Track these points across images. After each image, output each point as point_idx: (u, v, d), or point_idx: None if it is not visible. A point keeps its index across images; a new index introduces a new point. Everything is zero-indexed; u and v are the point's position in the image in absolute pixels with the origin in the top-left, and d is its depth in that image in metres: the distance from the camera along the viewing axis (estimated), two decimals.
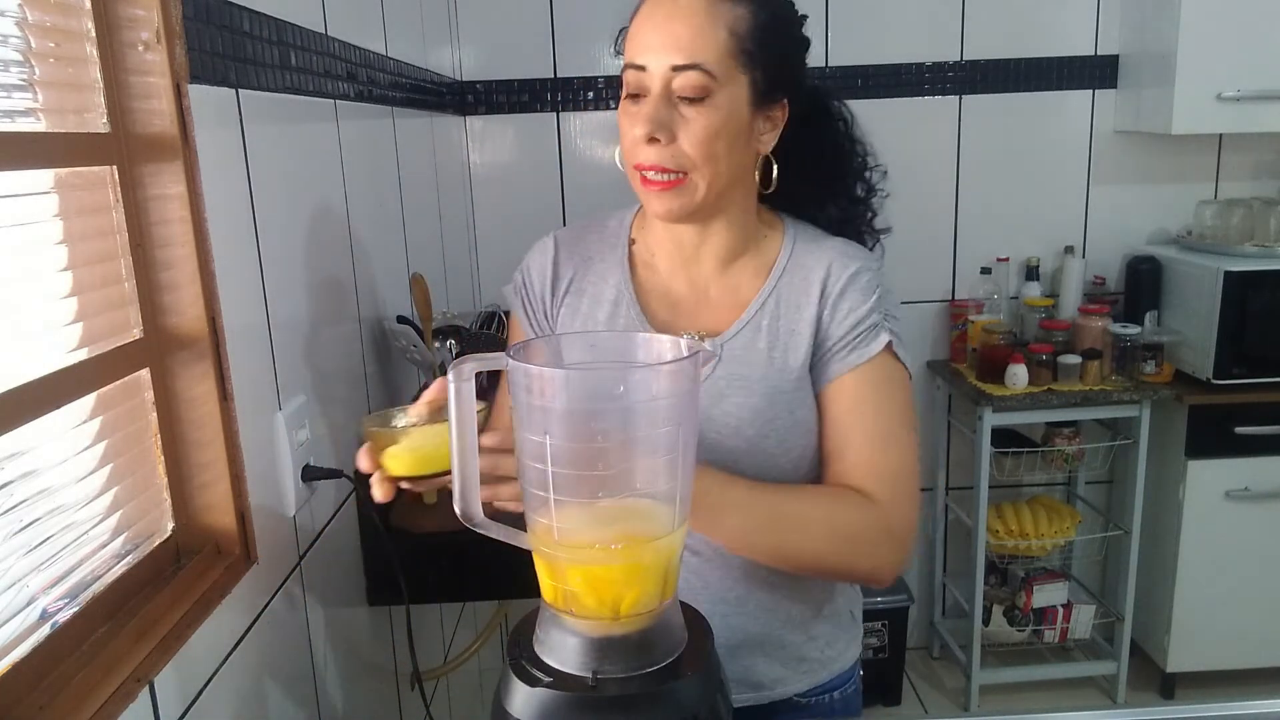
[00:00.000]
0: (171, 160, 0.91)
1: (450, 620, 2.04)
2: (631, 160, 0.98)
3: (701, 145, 0.95)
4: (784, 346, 1.03)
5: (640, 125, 0.95)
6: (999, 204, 2.81)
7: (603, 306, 1.07)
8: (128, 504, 0.89)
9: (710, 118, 0.95)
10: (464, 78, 2.65)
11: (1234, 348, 2.50)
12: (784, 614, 1.07)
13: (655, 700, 0.71)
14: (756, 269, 1.07)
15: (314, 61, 1.32)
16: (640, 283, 1.08)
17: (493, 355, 0.73)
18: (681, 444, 0.72)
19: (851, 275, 1.03)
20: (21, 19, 0.78)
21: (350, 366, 1.43)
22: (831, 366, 1.02)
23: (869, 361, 1.01)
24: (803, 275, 1.05)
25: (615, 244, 1.10)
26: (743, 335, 1.04)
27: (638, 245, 1.10)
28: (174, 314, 0.94)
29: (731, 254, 1.06)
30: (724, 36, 0.95)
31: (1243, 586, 2.63)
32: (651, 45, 0.95)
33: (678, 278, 1.08)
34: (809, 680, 1.11)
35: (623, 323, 1.05)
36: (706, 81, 0.94)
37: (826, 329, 1.02)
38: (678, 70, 0.94)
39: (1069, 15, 2.72)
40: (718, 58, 0.94)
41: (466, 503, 0.75)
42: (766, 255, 1.07)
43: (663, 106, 0.95)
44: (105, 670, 0.79)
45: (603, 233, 1.12)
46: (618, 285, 1.08)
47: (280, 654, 1.12)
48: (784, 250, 1.07)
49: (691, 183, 0.97)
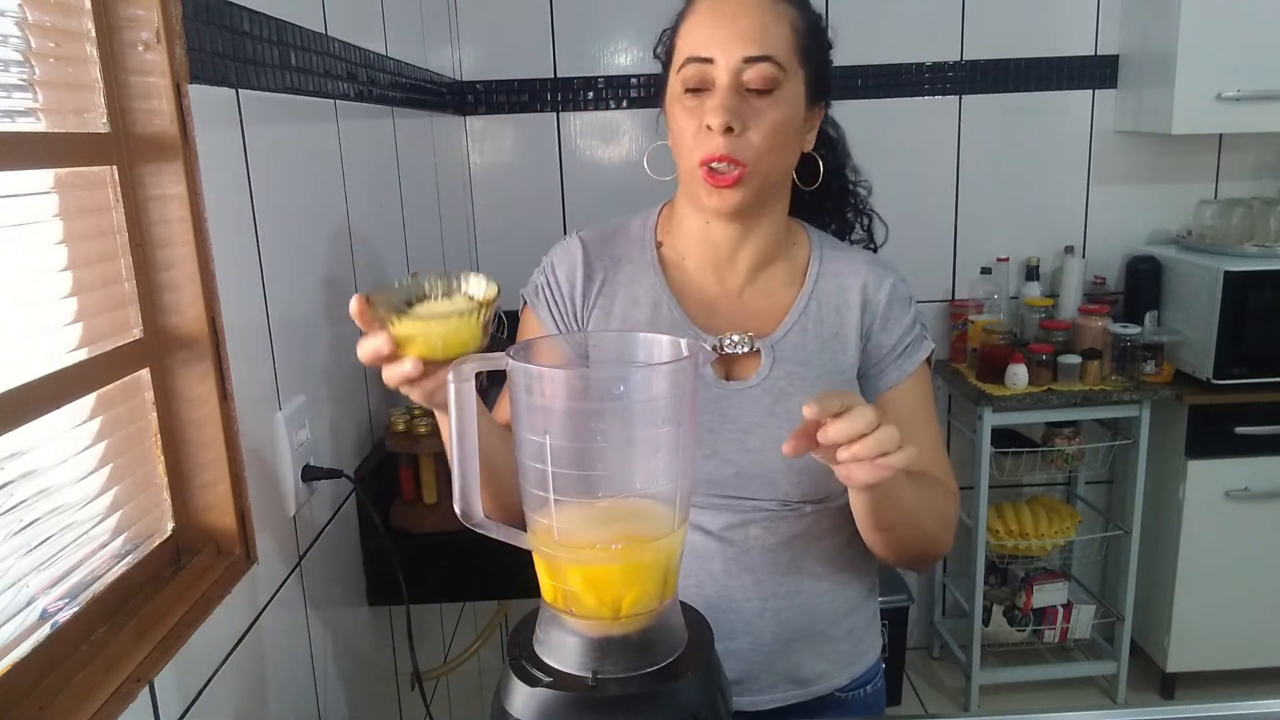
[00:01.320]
0: (171, 160, 0.91)
1: (450, 620, 2.04)
2: (697, 153, 0.97)
3: (770, 137, 0.96)
4: (831, 349, 1.06)
5: (716, 116, 0.94)
6: (999, 204, 2.81)
7: (640, 308, 1.07)
8: (128, 504, 0.89)
9: (779, 110, 0.97)
10: (464, 78, 2.65)
11: (1234, 348, 2.49)
12: (829, 606, 1.08)
13: (655, 700, 0.71)
14: (789, 274, 1.08)
15: (314, 61, 1.32)
16: (674, 284, 1.08)
17: (493, 355, 0.73)
18: (681, 444, 0.72)
19: (892, 287, 1.08)
20: (21, 19, 0.78)
21: (350, 366, 1.43)
22: (887, 375, 1.07)
23: (917, 369, 1.08)
24: (838, 282, 1.08)
25: (643, 246, 1.10)
26: (791, 337, 1.05)
27: (666, 247, 1.10)
28: (174, 314, 0.94)
29: (766, 259, 1.07)
30: (788, 32, 0.97)
31: (1243, 586, 2.63)
32: (719, 38, 0.96)
33: (709, 280, 1.08)
34: (847, 674, 1.12)
35: (665, 324, 1.05)
36: (777, 73, 0.96)
37: (877, 339, 1.07)
38: (750, 62, 0.95)
39: (1069, 15, 2.72)
40: (786, 51, 0.97)
41: (466, 503, 0.75)
42: (796, 261, 1.09)
43: (736, 97, 0.95)
44: (105, 670, 0.79)
45: (628, 235, 1.12)
46: (653, 287, 1.07)
47: (280, 654, 1.12)
48: (814, 256, 1.09)
49: (751, 175, 0.97)
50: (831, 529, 1.06)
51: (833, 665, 1.10)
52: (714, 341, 1.03)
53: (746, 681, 1.06)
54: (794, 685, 1.08)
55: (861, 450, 0.77)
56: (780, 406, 1.02)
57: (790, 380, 1.03)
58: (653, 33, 1.07)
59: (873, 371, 1.08)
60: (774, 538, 1.03)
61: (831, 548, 1.07)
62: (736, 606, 1.03)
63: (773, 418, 1.02)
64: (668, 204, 1.13)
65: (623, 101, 2.69)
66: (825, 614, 1.08)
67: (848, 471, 0.79)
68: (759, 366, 1.04)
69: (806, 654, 1.08)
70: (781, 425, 1.01)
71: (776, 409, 1.02)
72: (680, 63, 0.99)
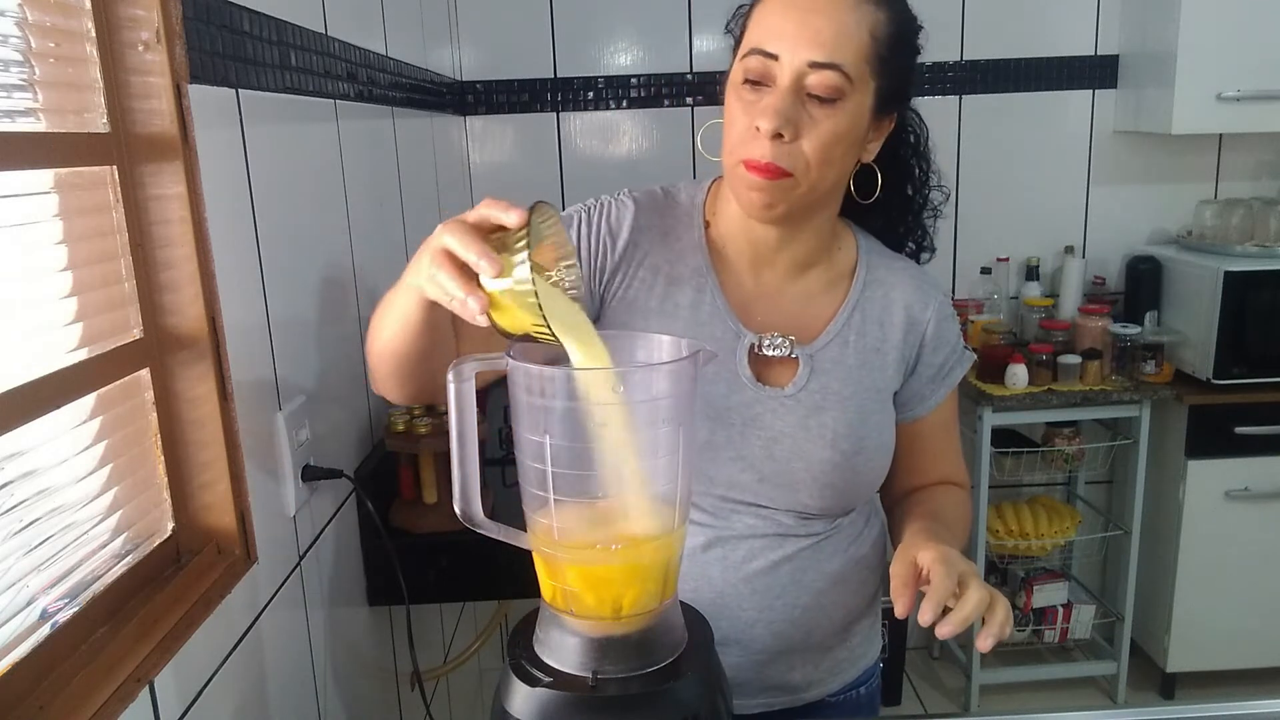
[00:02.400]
0: (171, 160, 0.91)
1: (450, 620, 2.04)
2: (741, 153, 0.91)
3: (821, 149, 0.90)
4: (871, 366, 1.03)
5: (766, 119, 0.88)
6: (999, 204, 2.81)
7: (683, 290, 1.01)
8: (128, 504, 0.89)
9: (838, 122, 0.90)
10: (464, 78, 2.65)
11: (1234, 348, 2.49)
12: (826, 621, 1.06)
13: (655, 700, 0.71)
14: (831, 280, 1.04)
15: (314, 61, 1.32)
16: (717, 269, 1.02)
17: (493, 355, 0.73)
18: (681, 444, 0.72)
19: (939, 305, 1.06)
20: (21, 19, 0.77)
21: (350, 366, 1.43)
22: (936, 394, 1.08)
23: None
24: (882, 293, 1.05)
25: (691, 222, 1.04)
26: (831, 348, 1.02)
27: (712, 229, 1.04)
28: (174, 314, 0.94)
29: (807, 262, 1.03)
30: (865, 39, 0.90)
31: (1243, 586, 2.63)
32: (788, 34, 0.88)
33: (746, 275, 1.03)
34: (840, 680, 1.10)
35: (706, 311, 1.00)
36: (842, 83, 0.89)
37: (928, 363, 1.06)
38: (815, 67, 0.88)
39: (1069, 15, 2.72)
40: (856, 60, 0.89)
41: (466, 503, 0.75)
42: (840, 267, 1.05)
43: (793, 102, 0.89)
44: (105, 670, 0.79)
45: (675, 208, 1.05)
46: (697, 269, 1.01)
47: (280, 654, 1.12)
48: (860, 265, 1.05)
49: (794, 183, 0.91)
50: (838, 551, 1.05)
51: (825, 674, 1.09)
52: (754, 339, 1.00)
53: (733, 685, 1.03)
54: (782, 693, 1.07)
55: (964, 625, 0.82)
56: (814, 420, 0.99)
57: (825, 395, 1.00)
58: (653, 33, 1.06)
59: (917, 393, 1.07)
60: (777, 553, 1.01)
61: (836, 568, 1.05)
62: (730, 615, 1.01)
63: (804, 430, 0.99)
64: (718, 180, 1.05)
65: (623, 101, 2.68)
66: (822, 628, 1.06)
67: None
68: (795, 374, 1.00)
69: (798, 663, 1.06)
70: (812, 439, 0.99)
71: (809, 422, 0.99)
72: (746, 50, 0.92)
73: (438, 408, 1.46)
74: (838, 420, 0.99)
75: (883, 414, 1.04)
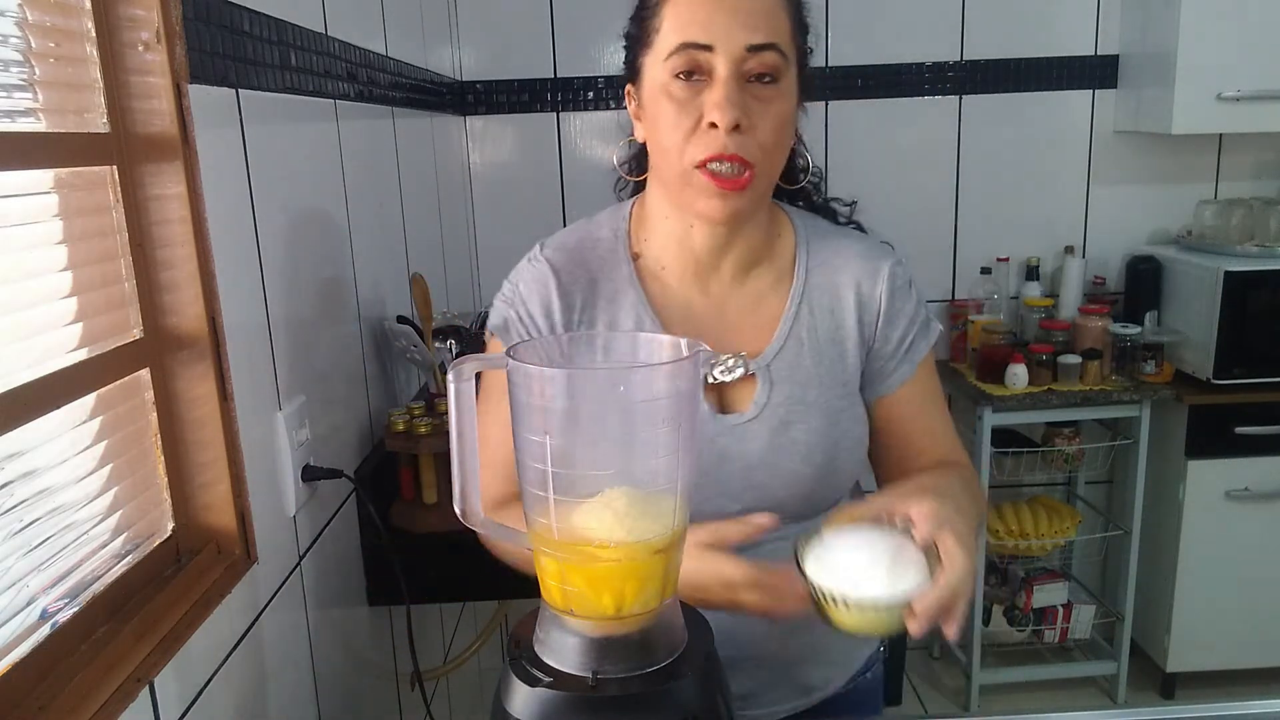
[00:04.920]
0: (171, 160, 0.91)
1: (450, 620, 2.04)
2: (699, 154, 0.87)
3: (774, 133, 0.87)
4: (829, 359, 0.98)
5: (723, 112, 0.84)
6: (999, 204, 2.81)
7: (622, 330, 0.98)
8: (128, 504, 0.89)
9: (782, 103, 0.88)
10: (464, 78, 2.65)
11: (1234, 348, 2.49)
12: None
13: (655, 700, 0.71)
14: (776, 276, 1.00)
15: (314, 61, 1.32)
16: (654, 300, 0.98)
17: (493, 355, 0.73)
18: (681, 444, 0.72)
19: (890, 276, 0.99)
20: (21, 19, 0.77)
21: (350, 366, 1.43)
22: (900, 370, 1.01)
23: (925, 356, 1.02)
24: (828, 277, 0.99)
25: (617, 259, 0.99)
26: (786, 353, 0.98)
27: (643, 257, 1.00)
28: (174, 314, 0.94)
29: (752, 261, 0.99)
30: (786, 17, 0.88)
31: (1243, 586, 2.63)
32: (718, 23, 0.85)
33: (691, 289, 0.99)
34: (847, 672, 1.10)
35: None
36: (780, 62, 0.87)
37: (885, 337, 1.00)
38: (754, 50, 0.85)
39: (1069, 15, 2.72)
40: (785, 37, 0.88)
41: (466, 503, 0.75)
42: (782, 258, 1.00)
43: (739, 89, 0.86)
44: (105, 670, 0.79)
45: (597, 246, 1.00)
46: (634, 306, 0.97)
47: (280, 654, 1.12)
48: (800, 251, 1.00)
49: (759, 177, 0.88)
50: None
51: (836, 669, 1.09)
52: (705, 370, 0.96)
53: (756, 695, 1.04)
54: (801, 695, 1.07)
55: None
56: (783, 438, 0.95)
57: (790, 407, 0.96)
58: None
59: (878, 373, 1.01)
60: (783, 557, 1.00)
61: None
62: (745, 628, 0.98)
63: (774, 452, 0.95)
64: (637, 203, 1.02)
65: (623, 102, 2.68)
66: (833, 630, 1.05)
67: None
68: (754, 393, 0.96)
69: (811, 667, 1.06)
70: (788, 457, 0.96)
71: (778, 441, 0.95)
72: (669, 49, 0.87)
73: (438, 407, 1.47)
74: (806, 433, 0.96)
75: (852, 408, 1.00)
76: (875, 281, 0.99)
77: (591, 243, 1.01)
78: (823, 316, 0.99)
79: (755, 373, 0.96)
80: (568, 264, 0.99)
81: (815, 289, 0.99)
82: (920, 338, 1.01)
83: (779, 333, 0.98)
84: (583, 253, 1.00)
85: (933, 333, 1.02)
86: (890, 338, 1.00)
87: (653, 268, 0.99)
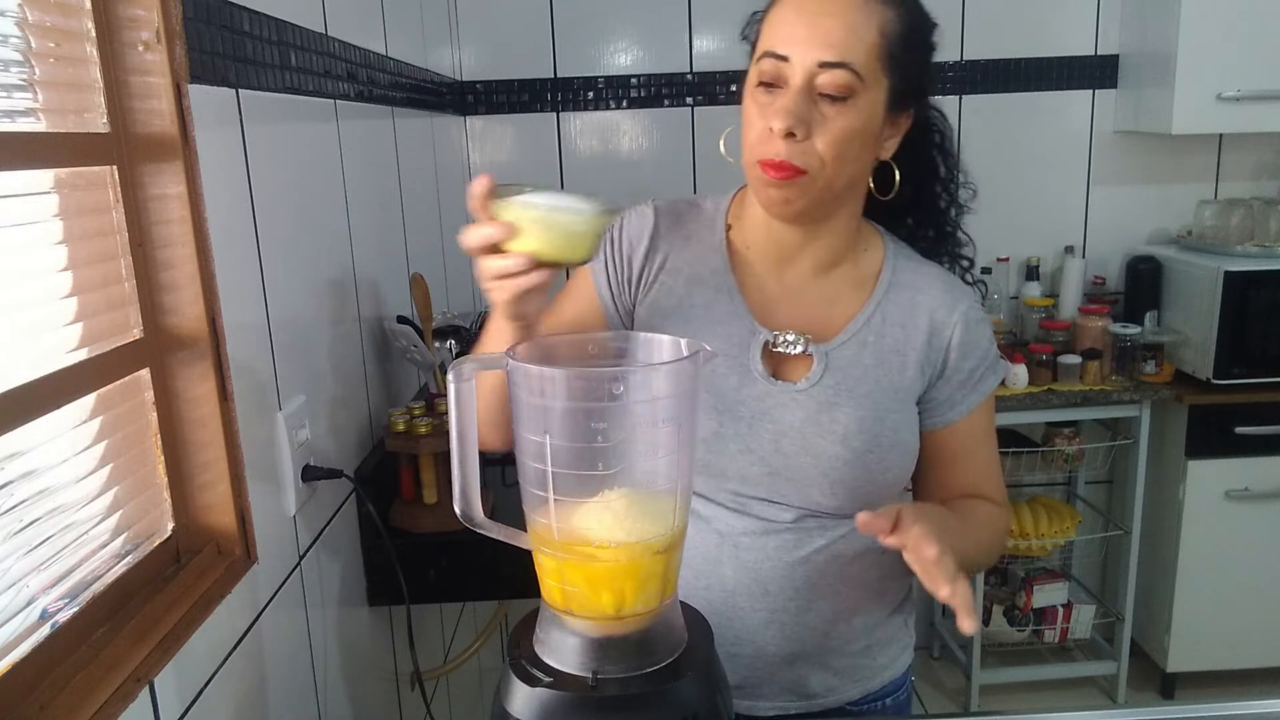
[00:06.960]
0: (171, 160, 0.91)
1: (450, 620, 2.04)
2: (758, 153, 0.94)
3: (835, 146, 0.92)
4: (889, 367, 1.02)
5: (779, 119, 0.91)
6: (999, 204, 2.80)
7: (702, 290, 1.03)
8: (128, 504, 0.89)
9: (850, 119, 0.92)
10: (464, 78, 2.65)
11: (1234, 348, 2.49)
12: (845, 626, 1.05)
13: (655, 700, 0.71)
14: (856, 281, 1.05)
15: (314, 61, 1.32)
16: (737, 271, 1.04)
17: (493, 355, 0.73)
18: (681, 443, 0.72)
19: (967, 310, 1.04)
20: (21, 19, 0.78)
21: (350, 366, 1.43)
22: (969, 400, 1.05)
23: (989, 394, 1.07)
24: (908, 297, 1.04)
25: (713, 227, 1.07)
26: (849, 347, 1.02)
27: (734, 232, 1.06)
28: (174, 314, 0.94)
29: (831, 261, 1.04)
30: (874, 38, 0.92)
31: (1243, 586, 2.63)
32: (798, 37, 0.91)
33: (771, 275, 1.05)
34: (861, 688, 1.08)
35: (723, 311, 1.02)
36: (852, 82, 0.91)
37: (957, 368, 1.04)
38: (825, 67, 0.90)
39: (1069, 15, 2.72)
40: (866, 59, 0.91)
41: (466, 503, 0.75)
42: (866, 269, 1.05)
43: (804, 102, 0.91)
44: (105, 670, 0.79)
45: (699, 214, 1.08)
46: (716, 271, 1.04)
47: (280, 654, 1.12)
48: (886, 267, 1.05)
49: (810, 180, 0.93)
50: (858, 555, 1.02)
51: (843, 680, 1.07)
52: (769, 336, 1.00)
53: (747, 687, 1.04)
54: (797, 698, 1.06)
55: None
56: (825, 415, 0.99)
57: (838, 391, 1.00)
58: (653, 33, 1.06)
59: (947, 399, 1.04)
60: (792, 554, 1.00)
61: (855, 573, 1.03)
62: (742, 616, 1.01)
63: (814, 425, 0.99)
64: (743, 188, 1.08)
65: (623, 101, 2.69)
66: (840, 634, 1.04)
67: None
68: (809, 370, 1.00)
69: (814, 669, 1.05)
70: (822, 433, 0.98)
71: (820, 417, 0.99)
72: (759, 55, 0.95)
73: (438, 407, 1.47)
74: (850, 416, 0.99)
75: (901, 414, 1.02)
76: (952, 311, 1.04)
77: (695, 210, 1.09)
78: (893, 328, 1.03)
79: (814, 353, 1.01)
80: (669, 216, 1.07)
81: (892, 303, 1.04)
82: (990, 373, 1.06)
83: (848, 329, 1.03)
84: (685, 214, 1.09)
85: (1001, 371, 1.08)
86: (962, 368, 1.04)
87: (740, 245, 1.06)
